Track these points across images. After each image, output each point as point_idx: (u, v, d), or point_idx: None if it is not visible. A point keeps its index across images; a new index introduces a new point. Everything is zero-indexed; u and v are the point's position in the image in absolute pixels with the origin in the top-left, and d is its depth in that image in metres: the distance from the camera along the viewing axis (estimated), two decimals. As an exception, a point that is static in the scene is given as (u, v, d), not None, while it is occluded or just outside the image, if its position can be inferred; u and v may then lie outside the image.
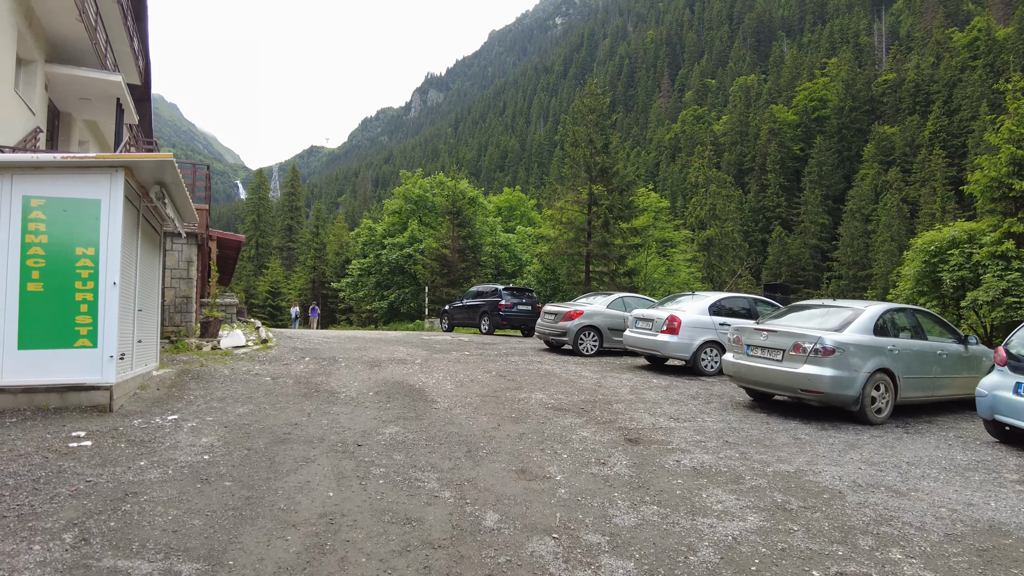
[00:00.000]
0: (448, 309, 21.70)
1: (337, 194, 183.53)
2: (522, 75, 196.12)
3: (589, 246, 22.16)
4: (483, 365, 11.13)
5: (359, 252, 38.54)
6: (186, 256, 12.89)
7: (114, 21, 18.37)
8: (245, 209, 78.04)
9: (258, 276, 65.60)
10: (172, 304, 12.65)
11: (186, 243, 12.95)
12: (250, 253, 71.24)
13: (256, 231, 73.12)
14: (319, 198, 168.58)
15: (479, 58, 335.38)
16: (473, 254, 30.58)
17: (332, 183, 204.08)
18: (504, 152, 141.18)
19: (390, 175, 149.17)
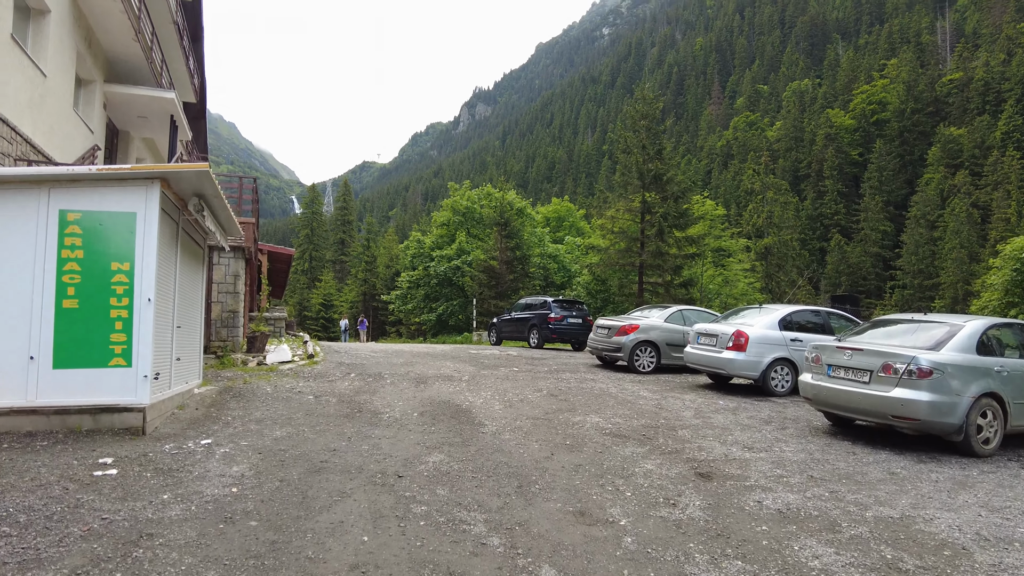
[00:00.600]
0: (496, 322, 21.23)
1: (388, 208, 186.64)
2: (569, 86, 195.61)
3: (642, 256, 21.29)
4: (533, 383, 10.52)
5: (408, 265, 38.55)
6: (233, 270, 12.74)
7: (170, 41, 18.69)
8: (299, 223, 79.77)
9: (311, 289, 66.78)
10: (219, 319, 12.50)
11: (233, 257, 12.80)
12: (304, 266, 72.66)
13: (309, 245, 74.54)
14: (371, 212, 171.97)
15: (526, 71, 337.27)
16: (521, 265, 30.10)
17: (383, 197, 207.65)
18: (552, 163, 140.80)
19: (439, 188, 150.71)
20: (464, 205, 36.79)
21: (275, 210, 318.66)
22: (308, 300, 64.03)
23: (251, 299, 16.44)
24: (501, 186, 33.85)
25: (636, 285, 22.25)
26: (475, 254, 32.16)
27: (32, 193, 6.30)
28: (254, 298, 16.56)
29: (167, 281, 7.22)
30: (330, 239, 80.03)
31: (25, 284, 6.18)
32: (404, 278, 37.27)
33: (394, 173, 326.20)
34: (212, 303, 12.48)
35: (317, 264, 73.49)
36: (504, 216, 30.39)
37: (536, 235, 34.86)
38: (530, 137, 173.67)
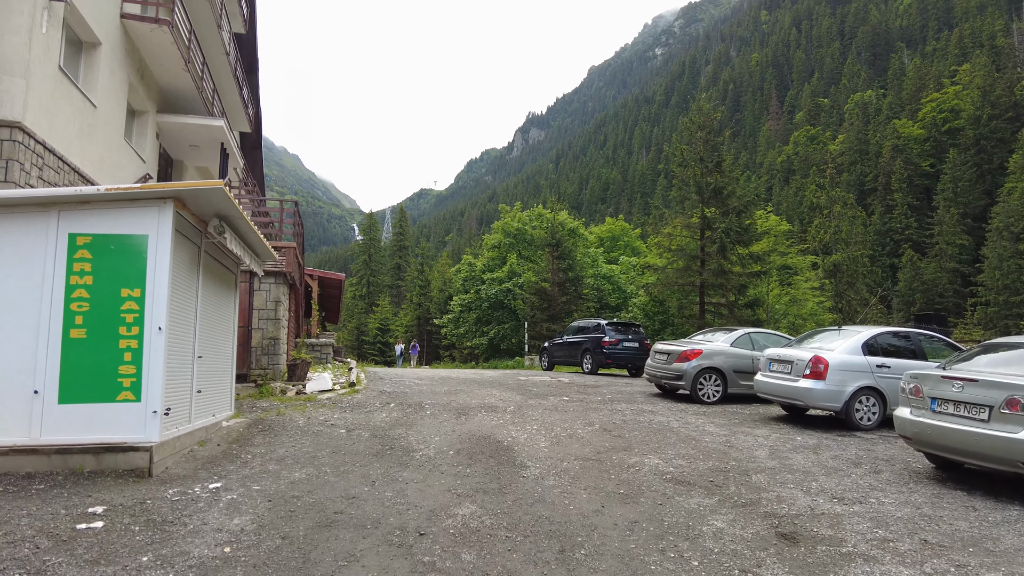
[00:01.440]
0: (547, 346, 20.43)
1: (444, 233, 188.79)
2: (622, 107, 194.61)
3: (703, 275, 20.01)
4: (584, 415, 9.56)
5: (460, 288, 38.15)
6: (273, 296, 12.36)
7: (223, 72, 18.93)
8: (358, 250, 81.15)
9: (369, 314, 67.48)
10: (259, 346, 12.09)
11: (274, 283, 12.43)
12: (361, 291, 73.62)
13: (367, 271, 75.62)
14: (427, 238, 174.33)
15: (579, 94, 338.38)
16: (574, 287, 29.17)
17: (440, 223, 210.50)
18: (605, 184, 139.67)
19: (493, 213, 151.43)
20: (515, 227, 36.26)
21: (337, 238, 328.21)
22: (366, 325, 64.60)
23: (297, 325, 16.12)
24: (553, 206, 33.10)
25: (697, 306, 20.93)
26: (526, 276, 31.47)
27: (41, 216, 5.91)
28: (300, 324, 16.23)
29: (186, 308, 6.72)
30: (387, 265, 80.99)
31: (32, 313, 5.76)
32: (456, 302, 36.86)
33: (450, 199, 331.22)
34: (252, 330, 12.10)
35: (375, 289, 74.35)
36: (556, 237, 29.65)
37: (589, 256, 33.97)
38: (583, 159, 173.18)
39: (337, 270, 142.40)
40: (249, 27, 22.51)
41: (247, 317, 12.09)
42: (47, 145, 9.72)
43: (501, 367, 26.19)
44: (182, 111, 15.69)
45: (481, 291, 34.25)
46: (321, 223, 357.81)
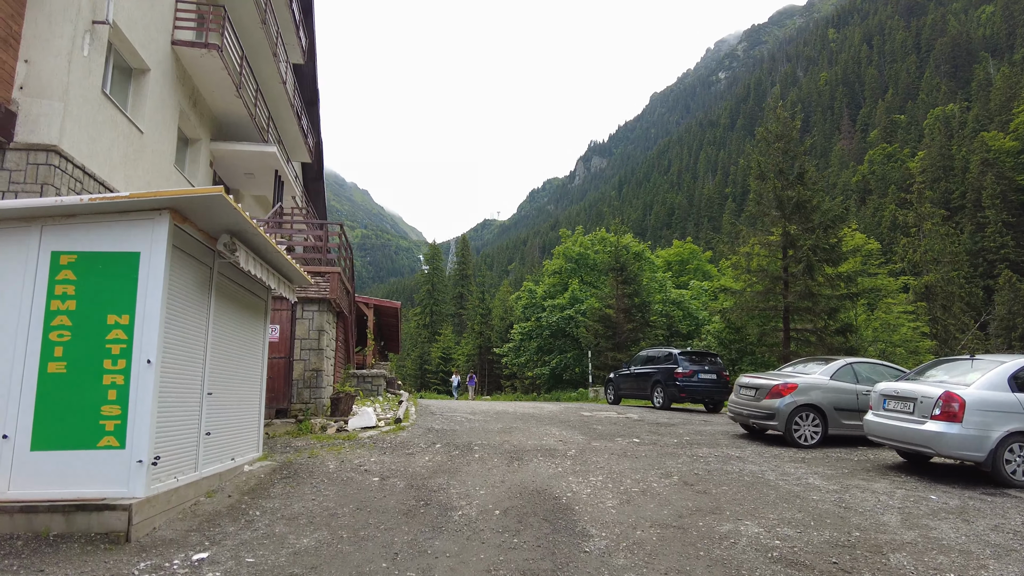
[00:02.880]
0: (614, 377, 19.17)
1: (507, 262, 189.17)
2: (686, 132, 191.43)
3: (788, 298, 18.08)
4: (659, 462, 8.08)
5: (520, 316, 37.25)
6: (317, 324, 11.54)
7: (280, 102, 18.77)
8: (421, 280, 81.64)
9: (432, 343, 67.31)
10: (300, 379, 11.27)
11: (317, 310, 11.63)
12: (425, 320, 73.76)
13: (430, 300, 75.81)
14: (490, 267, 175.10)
15: (641, 121, 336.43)
16: (640, 313, 27.85)
17: (503, 252, 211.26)
18: (670, 209, 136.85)
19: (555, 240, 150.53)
20: (576, 251, 35.32)
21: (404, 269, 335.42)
22: (429, 354, 64.45)
23: (347, 355, 15.34)
24: (616, 228, 31.81)
25: (780, 333, 18.94)
26: (589, 302, 30.40)
27: (22, 232, 5.11)
28: (350, 354, 15.44)
29: (191, 337, 5.78)
30: (450, 294, 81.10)
31: (7, 344, 4.92)
32: (516, 330, 36.00)
33: (513, 229, 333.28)
34: (294, 361, 11.30)
35: (438, 318, 74.35)
36: (620, 260, 28.44)
37: (656, 280, 32.60)
38: (647, 185, 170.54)
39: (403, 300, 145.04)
40: (308, 58, 22.51)
41: (288, 347, 11.33)
42: (87, 170, 9.29)
43: (563, 399, 24.94)
44: (236, 139, 15.48)
45: (542, 318, 33.39)
46: (389, 255, 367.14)
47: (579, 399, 24.07)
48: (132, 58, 10.91)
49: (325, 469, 7.41)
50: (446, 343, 63.02)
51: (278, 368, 11.16)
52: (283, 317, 11.42)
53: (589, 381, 26.45)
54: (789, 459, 8.55)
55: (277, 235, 14.74)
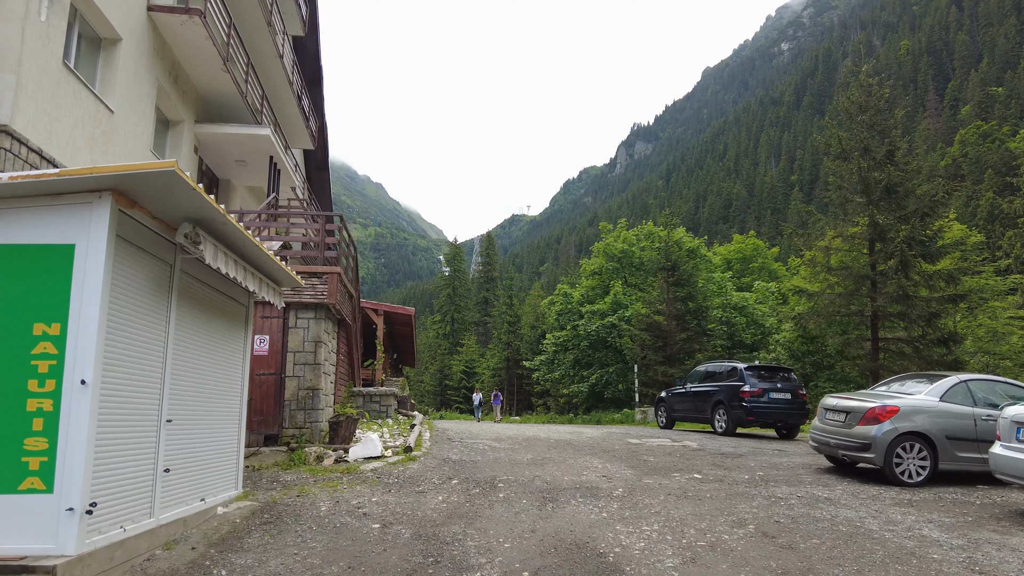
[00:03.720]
0: (665, 397, 18.75)
1: (539, 263, 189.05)
2: (744, 112, 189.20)
3: (876, 300, 17.11)
4: (729, 505, 7.36)
5: (554, 323, 36.89)
6: (313, 334, 11.11)
7: (276, 79, 18.58)
8: (442, 284, 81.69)
9: (453, 355, 67.12)
10: (293, 399, 10.84)
11: (314, 317, 11.20)
12: (445, 330, 73.64)
13: (451, 306, 75.69)
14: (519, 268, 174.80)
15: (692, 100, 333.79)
16: (696, 320, 27.30)
17: (533, 252, 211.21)
18: (727, 200, 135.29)
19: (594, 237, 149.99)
20: (619, 248, 34.98)
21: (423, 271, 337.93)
22: (449, 368, 64.29)
23: (351, 370, 14.98)
24: (666, 221, 31.12)
25: (867, 343, 17.98)
26: (635, 308, 30.14)
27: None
28: (355, 369, 15.08)
29: (143, 351, 5.29)
30: (473, 299, 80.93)
31: (-91, 363, 4.47)
32: (550, 340, 35.87)
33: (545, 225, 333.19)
34: (285, 378, 10.89)
35: (459, 327, 74.22)
36: (671, 258, 27.95)
37: (714, 281, 32.11)
38: (699, 173, 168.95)
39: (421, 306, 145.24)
40: (309, 30, 22.33)
41: (279, 362, 10.95)
42: (44, 154, 9.03)
43: (605, 422, 24.46)
44: (224, 120, 15.29)
45: (579, 327, 33.20)
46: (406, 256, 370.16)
47: (624, 422, 23.61)
48: (101, 26, 10.65)
49: (316, 512, 6.88)
50: (469, 355, 62.76)
51: (267, 386, 10.80)
52: (273, 326, 11.03)
53: (636, 400, 26.04)
54: (892, 501, 7.76)
55: (271, 229, 14.44)
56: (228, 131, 14.71)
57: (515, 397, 53.77)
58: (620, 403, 30.70)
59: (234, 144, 15.20)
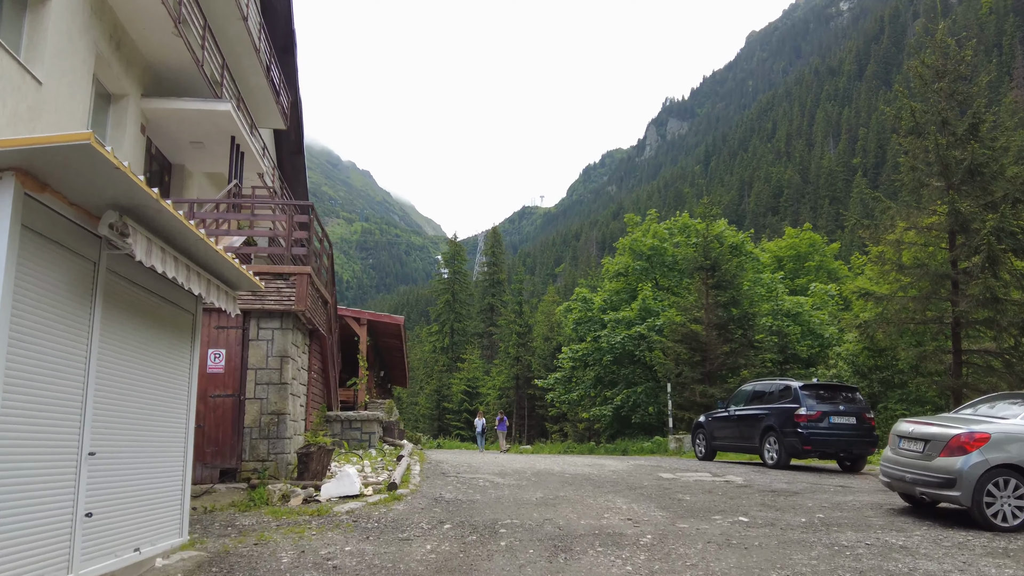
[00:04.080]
0: (705, 422, 18.88)
1: (554, 263, 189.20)
2: (796, 84, 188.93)
3: (958, 305, 16.88)
4: (782, 556, 7.12)
5: (571, 334, 36.83)
6: (279, 348, 10.99)
7: (239, 45, 18.59)
8: (439, 288, 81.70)
9: (452, 372, 67.09)
10: (254, 426, 10.74)
11: (279, 328, 11.08)
12: (443, 343, 73.67)
13: (450, 315, 75.78)
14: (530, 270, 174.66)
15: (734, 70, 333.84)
16: (741, 330, 27.35)
17: (547, 250, 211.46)
18: (777, 188, 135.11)
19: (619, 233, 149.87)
20: (649, 244, 35.06)
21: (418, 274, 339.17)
22: (448, 387, 64.29)
23: (326, 391, 14.93)
24: (704, 212, 31.01)
25: (948, 356, 17.75)
26: (667, 315, 30.16)
27: None
28: (330, 390, 14.98)
29: (56, 368, 5.07)
30: (476, 307, 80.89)
31: None
32: (566, 354, 35.96)
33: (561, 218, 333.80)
34: (245, 401, 10.80)
35: (460, 340, 74.25)
36: (711, 256, 28.03)
37: (763, 283, 32.44)
38: (744, 156, 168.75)
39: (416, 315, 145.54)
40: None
41: (238, 381, 10.92)
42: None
43: (633, 452, 24.55)
44: (177, 94, 15.29)
45: (601, 338, 33.26)
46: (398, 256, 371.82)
47: (655, 452, 23.68)
48: (24, -21, 10.70)
49: (276, 564, 6.70)
50: (471, 372, 62.77)
51: (223, 411, 10.73)
52: (230, 338, 10.96)
53: (669, 426, 25.97)
54: (983, 551, 7.49)
55: (231, 222, 14.32)
56: (181, 106, 14.68)
57: (526, 422, 53.66)
58: (650, 429, 30.74)
59: (189, 122, 15.20)
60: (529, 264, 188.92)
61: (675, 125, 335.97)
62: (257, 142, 18.87)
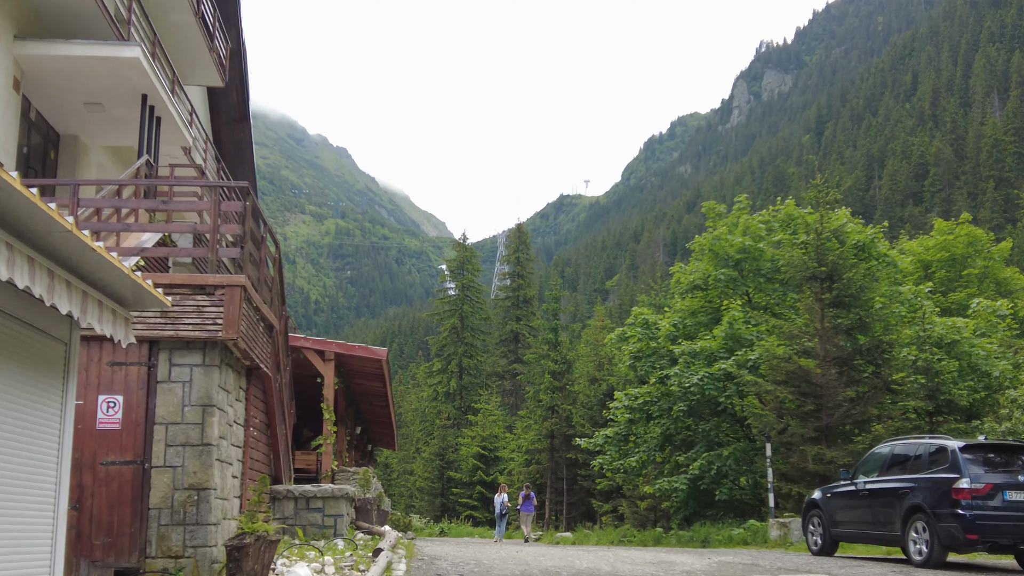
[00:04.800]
0: (821, 499, 18.70)
1: (605, 274, 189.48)
2: (945, 19, 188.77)
3: None
4: None
5: (627, 373, 36.32)
6: (199, 394, 10.96)
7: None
8: (442, 311, 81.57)
9: (461, 428, 66.87)
10: (163, 505, 10.69)
11: (202, 365, 11.03)
12: (447, 387, 73.58)
13: (457, 346, 75.89)
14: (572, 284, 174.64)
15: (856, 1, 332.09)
16: (872, 366, 26.93)
17: (594, 255, 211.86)
18: (919, 166, 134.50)
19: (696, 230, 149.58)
20: (737, 244, 34.50)
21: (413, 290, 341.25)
22: (455, 449, 64.12)
23: (275, 454, 15.09)
24: (817, 195, 30.54)
25: None
26: (765, 345, 29.61)
27: None
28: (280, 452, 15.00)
29: None
30: (494, 336, 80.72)
31: None
32: (620, 402, 35.56)
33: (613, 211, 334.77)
34: (150, 469, 10.73)
35: (471, 382, 74.37)
36: (827, 261, 27.62)
37: (902, 299, 31.84)
38: (872, 122, 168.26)
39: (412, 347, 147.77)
40: None
41: (141, 440, 10.90)
42: None
43: (717, 542, 24.61)
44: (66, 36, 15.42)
45: (670, 379, 32.78)
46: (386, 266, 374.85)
47: (749, 542, 23.60)
48: None
49: None
50: (488, 428, 62.64)
51: (119, 485, 10.63)
52: (131, 381, 10.95)
53: (770, 505, 25.68)
54: None
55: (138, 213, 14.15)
56: (70, 52, 14.81)
57: (564, 498, 53.20)
58: (742, 510, 30.44)
59: (82, 75, 15.38)
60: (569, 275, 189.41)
61: (773, 79, 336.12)
62: (182, 105, 19.20)
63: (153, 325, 10.57)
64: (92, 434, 10.58)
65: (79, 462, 9.97)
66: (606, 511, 46.64)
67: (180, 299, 10.87)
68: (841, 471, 19.34)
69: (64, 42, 14.80)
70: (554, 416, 54.95)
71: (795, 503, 25.13)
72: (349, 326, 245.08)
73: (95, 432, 10.60)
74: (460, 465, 62.74)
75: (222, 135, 26.11)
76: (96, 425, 10.64)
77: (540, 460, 55.67)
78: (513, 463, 57.67)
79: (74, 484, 9.71)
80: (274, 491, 14.63)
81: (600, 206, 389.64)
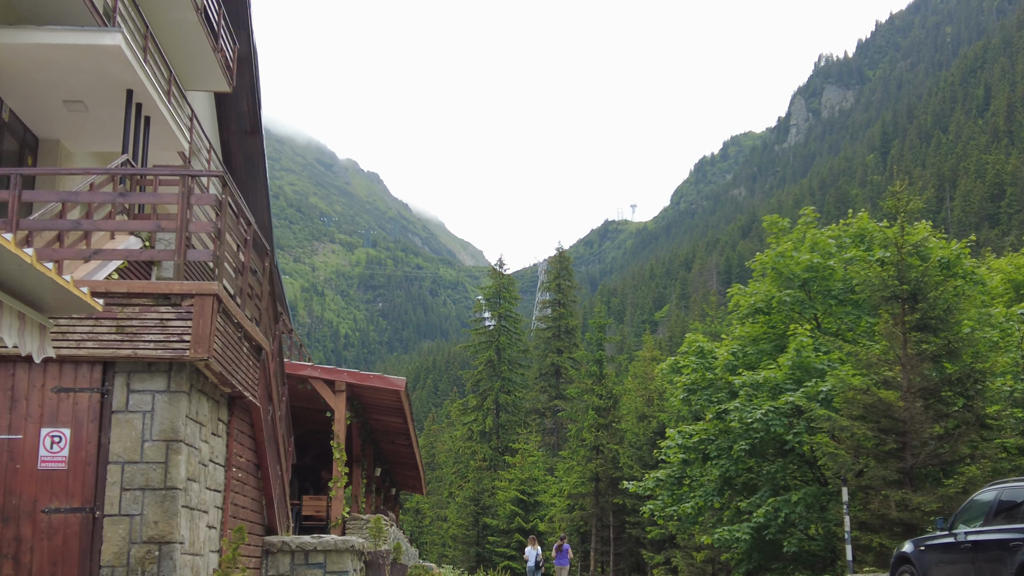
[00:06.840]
0: (914, 552, 17.46)
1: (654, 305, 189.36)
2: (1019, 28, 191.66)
3: None
4: None
5: (680, 408, 35.30)
6: (164, 427, 10.07)
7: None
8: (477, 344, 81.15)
9: (497, 470, 66.08)
10: (120, 564, 9.78)
11: (166, 393, 10.12)
12: (482, 425, 72.79)
13: (494, 380, 75.22)
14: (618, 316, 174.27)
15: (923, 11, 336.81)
16: (963, 398, 25.87)
17: (642, 285, 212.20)
18: (995, 186, 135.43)
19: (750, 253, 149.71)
20: (804, 262, 33.64)
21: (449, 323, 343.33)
22: (491, 493, 63.46)
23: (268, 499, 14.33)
24: (896, 205, 29.39)
25: None
26: (839, 375, 28.55)
27: None
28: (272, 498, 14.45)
29: None
30: (534, 370, 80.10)
31: None
32: (674, 440, 34.84)
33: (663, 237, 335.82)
34: (102, 519, 9.88)
35: (509, 420, 73.92)
36: (909, 278, 26.55)
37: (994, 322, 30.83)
38: (943, 139, 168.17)
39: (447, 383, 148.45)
40: None
41: (92, 484, 10.13)
42: None
43: None
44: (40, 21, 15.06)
45: (730, 414, 32.00)
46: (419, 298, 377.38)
47: None
48: None
49: None
50: (527, 471, 62.02)
51: (64, 537, 9.92)
52: (79, 410, 10.18)
53: (847, 559, 24.65)
54: None
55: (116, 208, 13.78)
56: (43, 40, 14.47)
57: (611, 548, 52.59)
58: (814, 563, 29.87)
59: (59, 67, 15.07)
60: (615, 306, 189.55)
61: (834, 95, 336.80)
62: (179, 108, 19.00)
63: (106, 343, 9.83)
64: (32, 475, 9.85)
65: (16, 509, 9.46)
66: (658, 563, 46.38)
67: (140, 311, 10.13)
68: (937, 520, 18.23)
69: (35, 29, 14.40)
70: (599, 457, 54.50)
71: (876, 556, 24.40)
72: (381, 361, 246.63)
73: (36, 473, 9.88)
74: (497, 511, 62.57)
75: (231, 147, 26.16)
76: (37, 464, 9.92)
77: (584, 505, 55.19)
78: (554, 509, 57.46)
79: (9, 536, 9.30)
80: (266, 543, 13.83)
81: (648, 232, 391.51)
